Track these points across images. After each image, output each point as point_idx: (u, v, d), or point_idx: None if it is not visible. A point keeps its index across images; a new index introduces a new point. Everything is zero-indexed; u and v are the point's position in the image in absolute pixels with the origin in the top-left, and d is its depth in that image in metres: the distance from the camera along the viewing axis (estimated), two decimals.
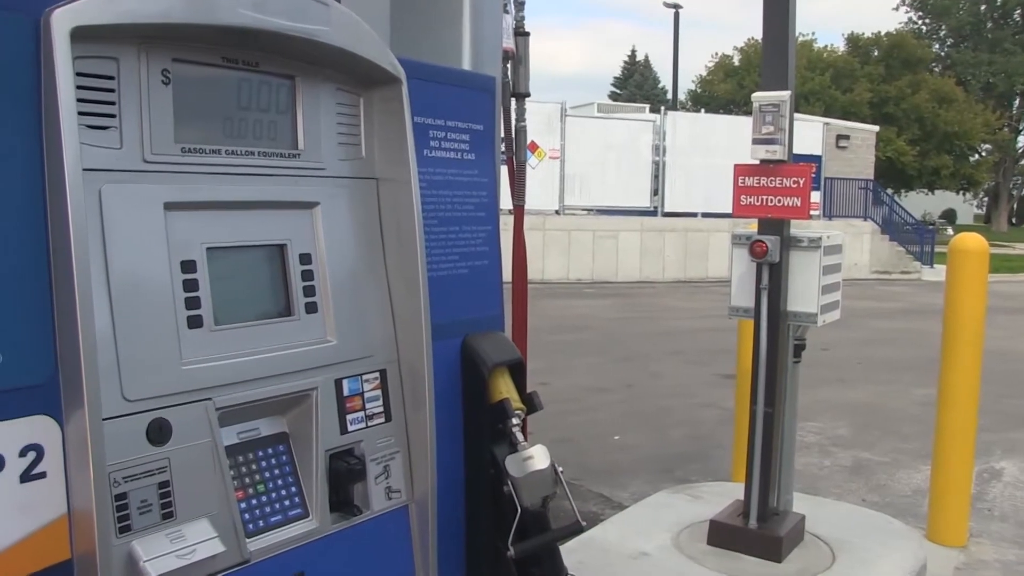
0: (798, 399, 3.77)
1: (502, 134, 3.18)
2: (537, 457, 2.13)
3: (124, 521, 1.48)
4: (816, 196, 20.77)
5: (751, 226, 3.60)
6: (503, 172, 3.01)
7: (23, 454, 1.39)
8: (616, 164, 20.00)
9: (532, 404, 2.30)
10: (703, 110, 33.88)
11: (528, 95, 3.39)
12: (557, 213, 19.35)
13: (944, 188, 43.04)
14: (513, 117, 3.36)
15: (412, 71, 1.99)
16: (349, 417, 1.89)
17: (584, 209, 20.52)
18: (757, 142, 3.43)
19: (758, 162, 3.44)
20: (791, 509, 3.74)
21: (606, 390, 8.11)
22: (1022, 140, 47.50)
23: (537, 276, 17.14)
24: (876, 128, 28.21)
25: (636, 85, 52.53)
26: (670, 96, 38.94)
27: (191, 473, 1.58)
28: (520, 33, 3.34)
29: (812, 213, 3.68)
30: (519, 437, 2.19)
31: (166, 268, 1.59)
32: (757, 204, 3.45)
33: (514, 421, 2.20)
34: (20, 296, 1.39)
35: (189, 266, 1.63)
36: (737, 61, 44.41)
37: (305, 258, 1.84)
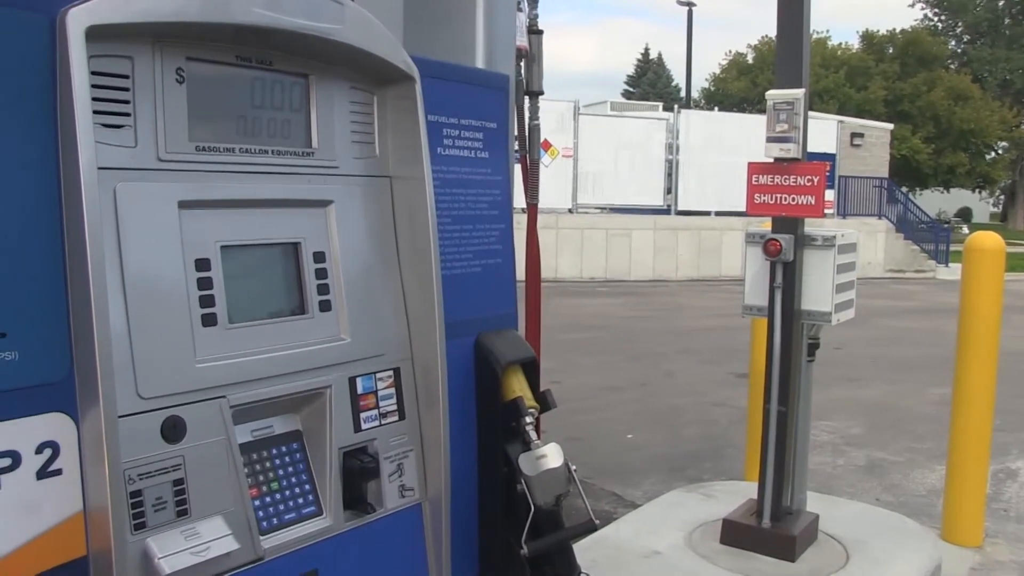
0: (812, 398, 3.76)
1: (515, 132, 3.18)
2: (550, 455, 2.13)
3: (139, 518, 1.49)
4: (830, 194, 20.65)
5: (765, 224, 3.59)
6: (516, 170, 3.00)
7: (39, 451, 1.40)
8: (629, 162, 19.96)
9: (545, 402, 2.30)
10: (716, 108, 33.83)
11: (541, 93, 3.38)
12: (570, 212, 19.32)
13: (960, 186, 42.74)
14: (526, 115, 3.35)
15: (426, 69, 1.99)
16: (363, 415, 1.89)
17: (597, 208, 20.49)
18: (771, 140, 3.42)
19: (772, 160, 3.43)
20: (804, 508, 3.73)
21: (619, 389, 8.10)
22: None
23: (550, 275, 17.13)
24: (891, 126, 28.07)
25: (649, 83, 52.41)
26: (683, 94, 38.86)
27: (205, 471, 1.59)
28: (533, 31, 3.34)
29: (826, 211, 3.67)
30: (532, 435, 2.19)
31: (180, 266, 1.59)
32: (771, 202, 3.44)
33: (527, 419, 2.20)
34: (36, 294, 1.40)
35: (203, 264, 1.64)
36: (751, 59, 44.25)
37: (319, 256, 1.84)
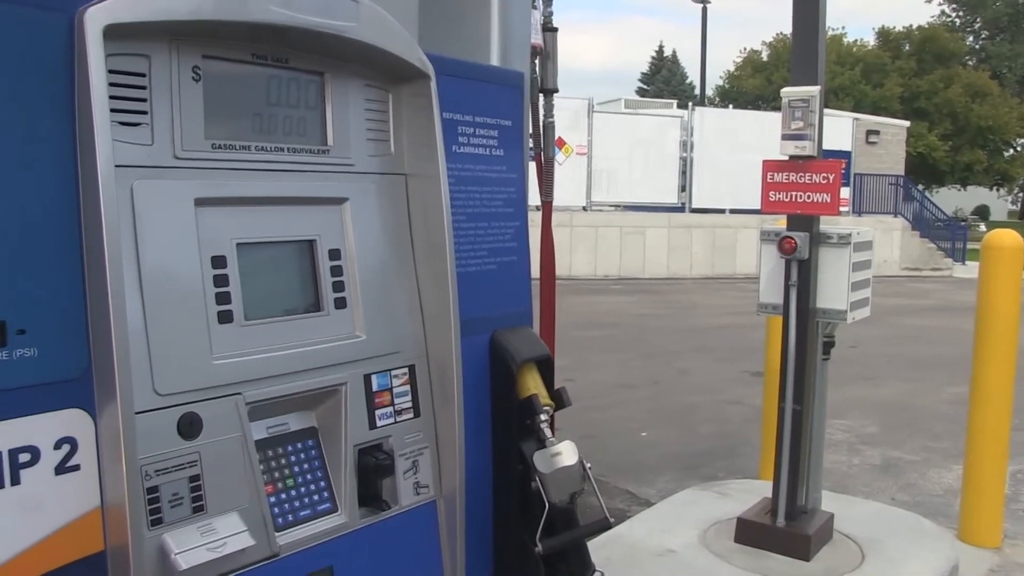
0: (827, 396, 3.74)
1: (530, 130, 3.18)
2: (565, 453, 2.13)
3: (156, 514, 1.49)
4: (845, 192, 20.60)
5: (780, 222, 3.58)
6: (531, 168, 3.00)
7: (58, 447, 1.41)
8: (643, 160, 19.93)
9: (560, 400, 2.29)
10: (731, 106, 33.71)
11: (556, 91, 3.38)
12: (584, 209, 19.31)
13: (977, 184, 42.46)
14: (541, 113, 3.35)
15: (441, 67, 1.99)
16: (378, 412, 1.90)
17: (611, 205, 20.47)
18: (786, 138, 3.41)
19: (787, 158, 3.42)
20: (819, 507, 3.72)
21: (633, 386, 8.09)
22: None
23: (564, 272, 17.12)
24: (907, 123, 27.93)
25: (663, 81, 52.30)
26: (698, 92, 38.78)
27: (221, 467, 1.59)
28: (548, 29, 3.33)
29: (841, 209, 3.65)
30: (547, 433, 2.18)
31: (197, 263, 1.60)
32: (786, 200, 3.43)
33: (542, 417, 2.20)
34: (54, 292, 1.40)
35: (219, 261, 1.64)
36: (765, 56, 44.10)
37: (334, 253, 1.85)
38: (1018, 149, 43.80)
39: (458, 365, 1.99)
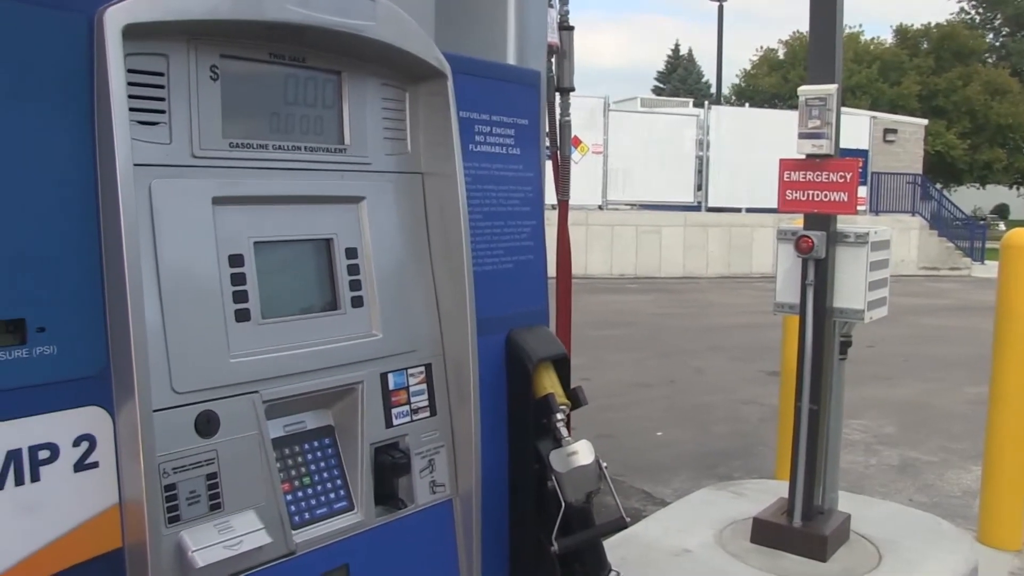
0: (844, 396, 3.72)
1: (546, 129, 3.17)
2: (581, 452, 2.12)
3: (173, 511, 1.50)
4: (863, 191, 20.50)
5: (797, 221, 3.56)
6: (547, 167, 3.00)
7: (76, 444, 1.42)
8: (659, 159, 19.89)
9: (577, 399, 2.29)
10: (747, 104, 33.55)
11: (572, 89, 3.36)
12: (600, 208, 19.29)
13: (996, 182, 42.12)
14: (557, 112, 3.34)
15: (457, 66, 1.99)
16: (394, 411, 1.90)
17: (627, 204, 20.44)
18: (803, 136, 3.39)
19: (804, 157, 3.40)
20: (836, 508, 3.70)
21: (648, 386, 8.07)
22: None
23: (580, 271, 17.10)
24: (924, 122, 27.78)
25: (680, 79, 52.19)
26: (714, 90, 38.67)
27: (238, 465, 1.60)
28: (564, 27, 3.32)
29: (859, 208, 3.63)
30: (563, 432, 2.18)
31: (214, 262, 1.61)
32: (803, 199, 3.41)
33: (559, 416, 2.20)
34: (73, 290, 1.41)
35: (237, 260, 1.65)
36: (782, 54, 43.91)
37: (351, 252, 1.85)
38: None
39: (474, 364, 1.99)
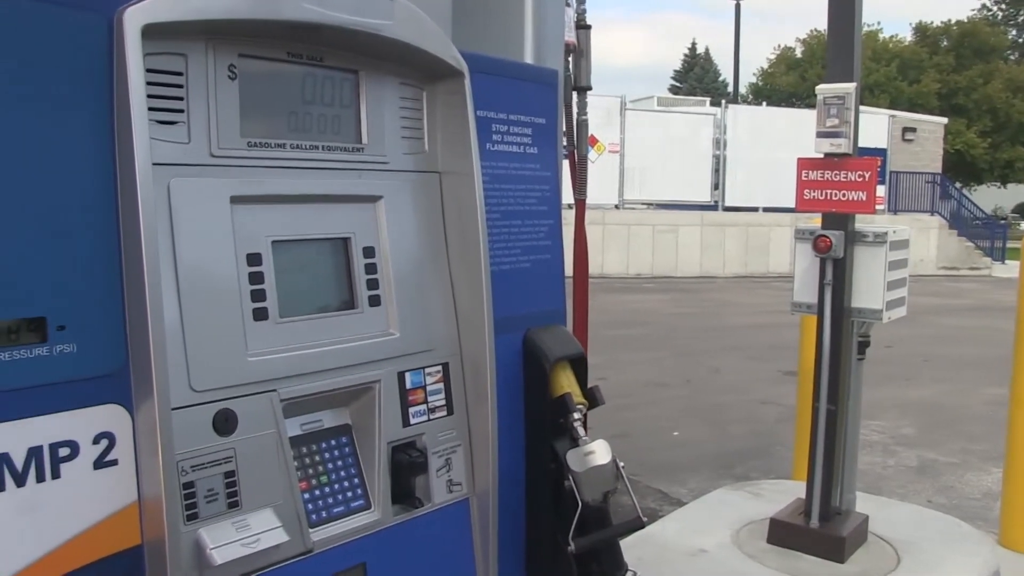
0: (862, 397, 3.70)
1: (563, 128, 3.17)
2: (599, 452, 2.12)
3: (191, 509, 1.51)
4: (881, 190, 20.38)
5: (815, 221, 3.54)
6: (564, 166, 2.99)
7: (96, 441, 1.43)
8: (676, 158, 19.85)
9: (594, 399, 2.29)
10: (764, 103, 33.40)
11: (590, 88, 3.36)
12: (616, 207, 19.26)
13: (1018, 181, 41.74)
14: (574, 111, 3.34)
15: (475, 65, 1.99)
16: (411, 410, 1.90)
17: (644, 203, 20.41)
18: (821, 135, 3.37)
19: (822, 156, 3.39)
20: (854, 509, 3.68)
21: (665, 385, 8.06)
22: None
23: (596, 271, 17.09)
24: (944, 120, 27.58)
25: (696, 78, 52.03)
26: (731, 89, 38.55)
27: (256, 463, 1.60)
28: (582, 26, 3.32)
29: (877, 208, 3.61)
30: (580, 432, 2.17)
31: (232, 261, 1.61)
32: (821, 198, 3.40)
33: (576, 416, 2.19)
34: (93, 288, 1.42)
35: (255, 259, 1.65)
36: (799, 53, 43.70)
37: (369, 251, 1.85)
38: None
39: (492, 363, 1.99)
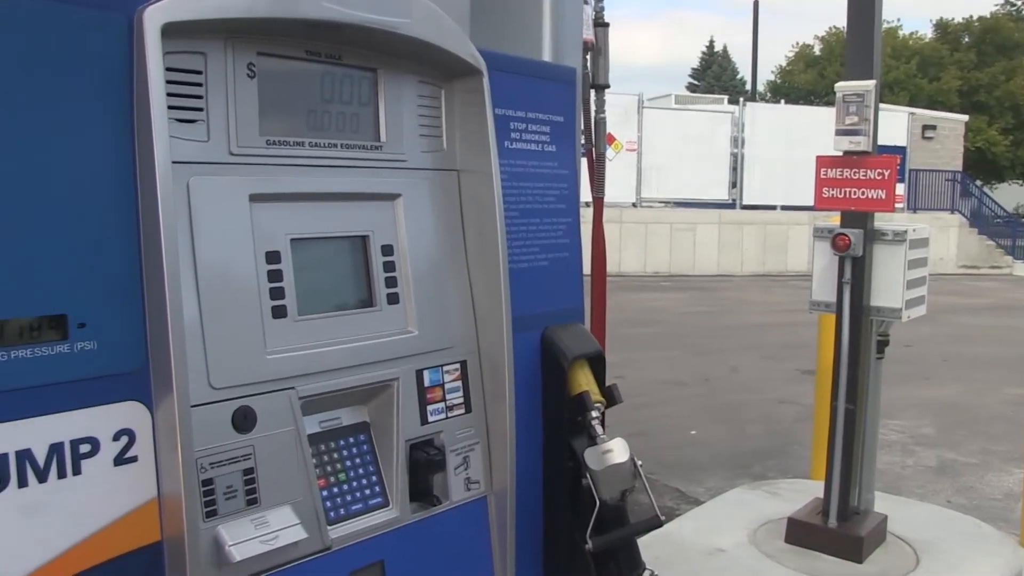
0: (880, 396, 3.68)
1: (581, 126, 3.16)
2: (617, 450, 2.11)
3: (211, 506, 1.51)
4: (900, 188, 20.25)
5: (833, 219, 3.53)
6: (582, 164, 2.99)
7: (116, 438, 1.43)
8: (694, 156, 19.78)
9: (612, 397, 2.28)
10: (783, 101, 33.23)
11: (608, 86, 3.36)
12: (634, 206, 19.22)
13: None
14: (592, 109, 3.33)
15: (493, 63, 1.99)
16: (429, 408, 1.90)
17: (661, 202, 20.36)
18: (840, 133, 3.36)
19: (841, 153, 3.37)
20: (872, 509, 3.66)
21: (682, 384, 8.04)
22: None
23: (614, 269, 17.04)
24: (964, 118, 27.37)
25: (714, 76, 51.81)
26: (749, 87, 38.36)
27: (275, 461, 1.61)
28: (600, 24, 3.31)
29: (896, 206, 3.59)
30: (598, 430, 2.17)
31: (251, 259, 1.62)
32: (840, 197, 3.38)
33: (593, 414, 2.18)
34: (113, 286, 1.43)
35: (273, 257, 1.66)
36: (818, 50, 43.41)
37: (387, 249, 1.85)
38: None
39: (510, 361, 1.99)
